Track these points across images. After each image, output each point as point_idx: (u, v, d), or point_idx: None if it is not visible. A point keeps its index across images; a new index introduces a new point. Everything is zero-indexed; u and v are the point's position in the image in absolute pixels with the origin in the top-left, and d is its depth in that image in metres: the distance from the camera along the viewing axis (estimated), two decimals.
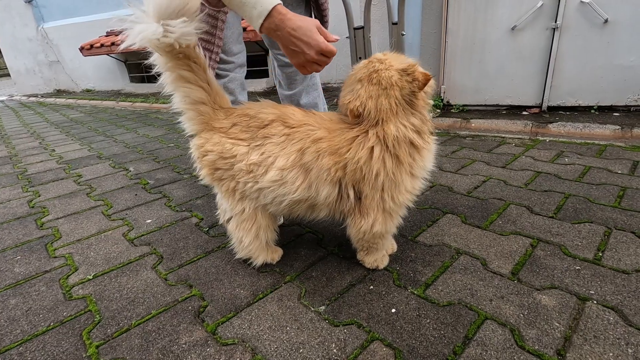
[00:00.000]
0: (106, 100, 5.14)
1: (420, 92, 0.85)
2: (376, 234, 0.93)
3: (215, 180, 0.98)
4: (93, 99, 5.37)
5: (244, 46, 1.38)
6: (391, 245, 1.07)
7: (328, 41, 0.88)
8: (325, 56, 0.87)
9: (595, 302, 0.83)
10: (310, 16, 1.43)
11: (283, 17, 0.84)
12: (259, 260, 1.04)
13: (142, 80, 5.92)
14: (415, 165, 0.88)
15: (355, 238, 0.98)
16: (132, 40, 0.82)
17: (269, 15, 0.84)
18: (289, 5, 1.33)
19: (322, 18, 1.41)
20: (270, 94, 4.12)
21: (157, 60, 0.90)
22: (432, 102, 0.92)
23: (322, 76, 4.34)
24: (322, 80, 4.34)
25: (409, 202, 0.93)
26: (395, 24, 1.44)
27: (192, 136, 1.00)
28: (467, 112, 2.72)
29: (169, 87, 0.95)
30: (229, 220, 1.03)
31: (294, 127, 0.90)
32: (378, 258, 1.01)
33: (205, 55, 1.13)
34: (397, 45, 1.44)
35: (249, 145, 0.91)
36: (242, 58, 1.37)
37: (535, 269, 0.96)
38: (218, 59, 1.26)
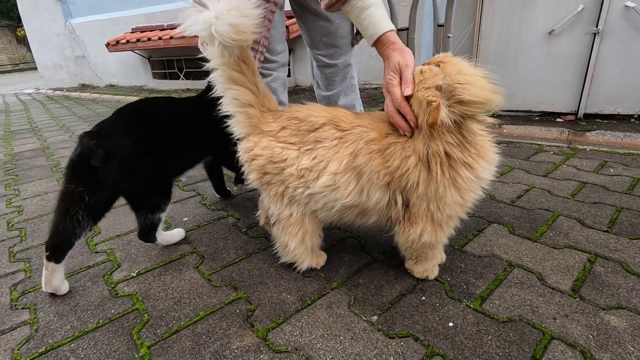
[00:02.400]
0: (129, 95, 5.22)
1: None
2: (425, 244, 0.90)
3: (263, 184, 0.96)
4: (117, 94, 5.46)
5: (287, 45, 1.37)
6: (440, 255, 1.04)
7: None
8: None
9: None
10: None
11: (387, 47, 0.90)
12: (304, 265, 1.02)
13: (164, 77, 5.99)
14: (460, 177, 0.81)
15: (403, 246, 0.95)
16: (189, 26, 0.81)
17: (378, 40, 0.91)
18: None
19: None
20: (292, 93, 4.11)
21: (211, 56, 0.89)
22: (485, 118, 0.84)
23: (359, 76, 4.29)
24: (360, 81, 4.29)
25: (460, 214, 0.87)
26: (442, 25, 1.40)
27: (240, 139, 0.99)
28: (498, 117, 2.66)
29: (219, 88, 0.93)
30: (274, 223, 1.01)
31: (346, 130, 0.87)
32: (428, 268, 0.98)
33: (252, 47, 1.12)
34: (443, 47, 1.40)
35: (299, 150, 0.89)
36: (285, 57, 1.36)
37: (597, 287, 0.91)
38: (262, 59, 1.24)
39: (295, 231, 0.97)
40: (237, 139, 0.99)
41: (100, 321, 0.89)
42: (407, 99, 0.82)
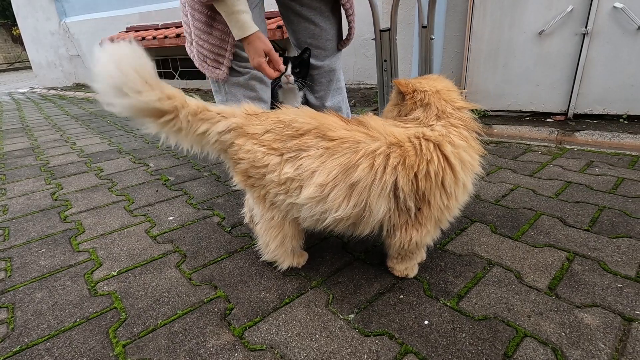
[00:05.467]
0: None
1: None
2: (419, 245, 0.91)
3: (247, 186, 0.95)
4: None
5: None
6: (421, 254, 1.04)
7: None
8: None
9: None
10: (339, 21, 1.41)
11: (261, 40, 1.12)
12: (284, 265, 1.02)
13: (159, 76, 5.96)
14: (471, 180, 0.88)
15: (397, 248, 0.93)
16: None
17: (248, 37, 1.10)
18: (314, 10, 1.31)
19: (348, 23, 1.38)
20: None
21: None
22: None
23: (354, 77, 4.31)
24: (354, 81, 4.30)
25: (455, 215, 0.91)
26: (425, 27, 1.40)
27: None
28: (489, 117, 2.67)
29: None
30: (257, 223, 1.01)
31: (334, 140, 0.82)
32: (409, 266, 0.98)
33: (220, 53, 1.23)
34: (426, 49, 1.41)
35: (281, 156, 0.86)
36: None
37: (573, 285, 0.92)
38: (231, 57, 1.24)
39: (276, 233, 0.96)
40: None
41: (78, 320, 0.89)
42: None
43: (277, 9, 1.40)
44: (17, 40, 14.57)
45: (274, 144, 0.87)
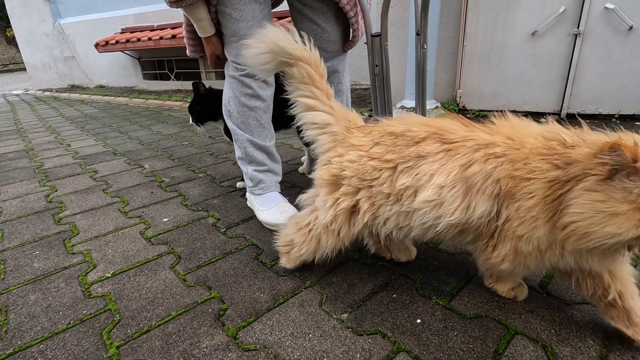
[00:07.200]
0: (119, 96, 5.19)
1: None
2: (491, 262, 0.81)
3: (332, 185, 0.90)
4: (106, 95, 5.42)
5: None
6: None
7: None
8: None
9: None
10: (345, 23, 1.40)
11: (212, 44, 1.31)
12: (287, 266, 1.02)
13: (155, 77, 5.96)
14: None
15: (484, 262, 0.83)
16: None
17: (204, 38, 1.29)
18: (315, 10, 1.32)
19: (351, 26, 1.39)
20: None
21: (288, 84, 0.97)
22: None
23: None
24: (350, 82, 4.30)
25: None
26: (419, 34, 1.40)
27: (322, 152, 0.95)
28: (483, 117, 2.69)
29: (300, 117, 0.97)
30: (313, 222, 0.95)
31: (455, 142, 0.77)
32: (501, 289, 0.90)
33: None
34: (420, 58, 1.41)
35: (395, 168, 0.82)
36: None
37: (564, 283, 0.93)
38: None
39: (317, 243, 0.93)
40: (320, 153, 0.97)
41: (71, 322, 0.89)
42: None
43: (279, 10, 1.40)
44: (11, 41, 14.46)
45: (386, 155, 0.83)
